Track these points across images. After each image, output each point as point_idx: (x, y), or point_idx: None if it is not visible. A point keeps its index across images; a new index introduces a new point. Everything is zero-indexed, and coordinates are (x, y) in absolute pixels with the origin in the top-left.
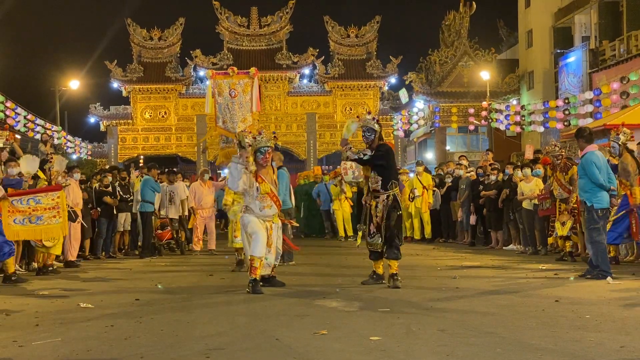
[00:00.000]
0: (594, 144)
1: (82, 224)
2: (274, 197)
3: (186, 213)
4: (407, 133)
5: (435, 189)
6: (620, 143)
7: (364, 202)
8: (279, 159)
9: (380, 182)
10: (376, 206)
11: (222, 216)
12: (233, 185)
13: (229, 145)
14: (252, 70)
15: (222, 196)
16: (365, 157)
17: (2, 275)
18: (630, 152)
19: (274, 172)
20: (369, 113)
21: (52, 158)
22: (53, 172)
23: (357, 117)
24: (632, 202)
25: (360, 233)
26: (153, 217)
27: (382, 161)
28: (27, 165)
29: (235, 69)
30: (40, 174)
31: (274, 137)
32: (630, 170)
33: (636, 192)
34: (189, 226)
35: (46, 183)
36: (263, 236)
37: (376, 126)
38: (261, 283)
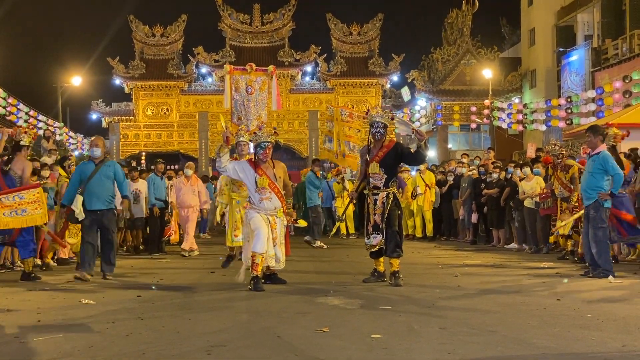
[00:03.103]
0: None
1: None
2: (275, 188)
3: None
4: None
5: (435, 187)
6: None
7: (350, 197)
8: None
9: (384, 179)
10: (374, 203)
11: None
12: (219, 165)
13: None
14: (271, 67)
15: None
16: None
17: None
18: (616, 153)
19: (274, 167)
20: (368, 111)
21: (71, 155)
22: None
23: (367, 112)
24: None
25: (337, 224)
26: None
27: (392, 160)
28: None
29: (253, 65)
30: (61, 171)
31: (275, 132)
32: None
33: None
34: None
35: (67, 181)
36: (265, 232)
37: (391, 123)
38: (263, 280)
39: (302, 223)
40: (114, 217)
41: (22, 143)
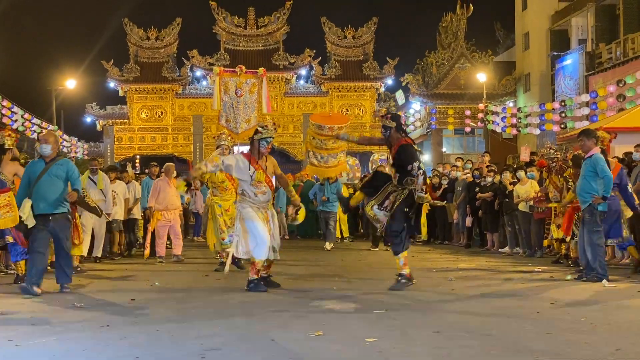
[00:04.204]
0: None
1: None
2: (270, 182)
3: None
4: None
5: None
6: None
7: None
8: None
9: (397, 177)
10: (390, 194)
11: None
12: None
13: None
14: (260, 70)
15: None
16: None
17: None
18: (605, 156)
19: (266, 160)
20: (380, 114)
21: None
22: None
23: (385, 115)
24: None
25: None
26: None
27: (398, 162)
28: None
29: (243, 67)
30: None
31: (274, 128)
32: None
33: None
34: (151, 229)
35: None
36: (267, 237)
37: (390, 123)
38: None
39: (302, 215)
40: (67, 222)
41: (6, 146)
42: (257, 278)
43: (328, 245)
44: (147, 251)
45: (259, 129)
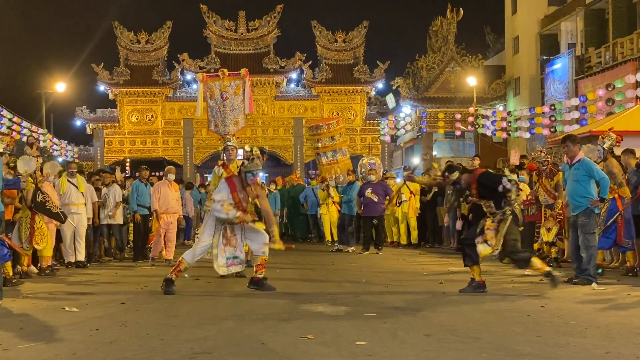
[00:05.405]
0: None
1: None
2: (242, 206)
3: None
4: (394, 138)
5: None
6: (605, 147)
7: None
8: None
9: (493, 205)
10: (492, 221)
11: None
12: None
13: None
14: (243, 71)
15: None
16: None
17: None
18: (615, 157)
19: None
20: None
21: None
22: (39, 175)
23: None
24: (620, 203)
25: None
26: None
27: (487, 190)
28: (24, 165)
29: (225, 71)
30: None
31: (261, 160)
32: (617, 172)
33: (626, 191)
34: (156, 232)
35: (33, 186)
36: (204, 247)
37: (454, 175)
38: (251, 286)
39: (279, 246)
40: None
41: (1, 150)
42: (171, 279)
43: (345, 248)
44: (164, 253)
45: (245, 161)
